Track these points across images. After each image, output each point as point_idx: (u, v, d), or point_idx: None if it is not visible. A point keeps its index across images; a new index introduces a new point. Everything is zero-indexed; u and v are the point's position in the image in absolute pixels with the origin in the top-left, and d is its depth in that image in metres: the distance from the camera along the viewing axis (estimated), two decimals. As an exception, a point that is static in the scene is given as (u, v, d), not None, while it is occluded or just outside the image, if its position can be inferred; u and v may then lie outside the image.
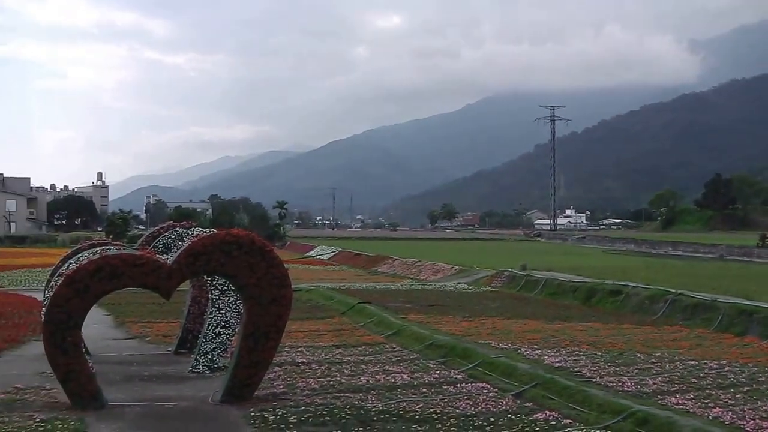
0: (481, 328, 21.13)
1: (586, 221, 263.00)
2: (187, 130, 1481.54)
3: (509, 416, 11.60)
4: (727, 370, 15.04)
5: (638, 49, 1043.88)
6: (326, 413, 11.59)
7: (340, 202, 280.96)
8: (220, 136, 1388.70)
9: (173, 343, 18.21)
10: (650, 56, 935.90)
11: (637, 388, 13.24)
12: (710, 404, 11.97)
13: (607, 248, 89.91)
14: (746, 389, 13.19)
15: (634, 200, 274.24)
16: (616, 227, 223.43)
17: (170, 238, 17.09)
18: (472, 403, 12.47)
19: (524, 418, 11.50)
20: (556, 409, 12.02)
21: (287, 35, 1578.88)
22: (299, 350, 17.64)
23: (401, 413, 11.69)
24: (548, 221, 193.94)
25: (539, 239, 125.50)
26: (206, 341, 15.41)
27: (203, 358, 15.32)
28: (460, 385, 14.01)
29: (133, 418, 11.64)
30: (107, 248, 13.54)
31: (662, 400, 12.31)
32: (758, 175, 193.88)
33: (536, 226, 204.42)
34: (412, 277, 44.07)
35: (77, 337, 11.78)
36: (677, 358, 16.43)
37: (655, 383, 13.63)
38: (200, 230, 15.74)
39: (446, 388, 13.74)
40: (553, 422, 11.27)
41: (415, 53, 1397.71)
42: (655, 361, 16.07)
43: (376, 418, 11.43)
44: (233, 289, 14.37)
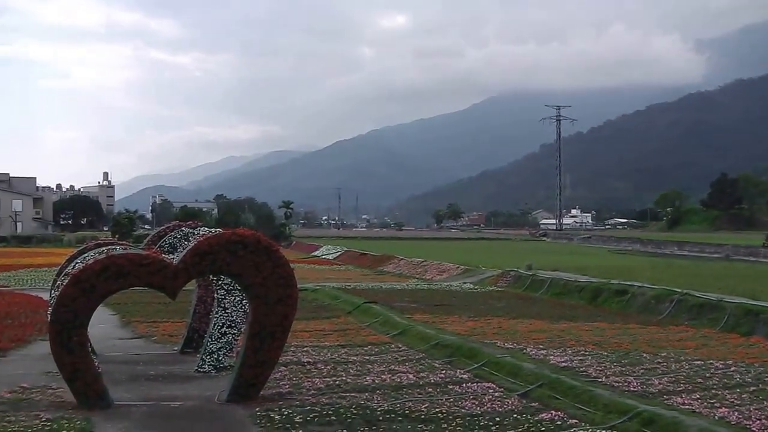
0: (486, 327, 21.13)
1: (591, 221, 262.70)
2: (192, 130, 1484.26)
3: (515, 416, 11.60)
4: (733, 370, 15.02)
5: (643, 48, 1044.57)
6: (332, 413, 11.60)
7: (345, 202, 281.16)
8: (225, 136, 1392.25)
9: (179, 342, 18.23)
10: (655, 56, 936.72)
11: (642, 388, 13.23)
12: (716, 404, 11.96)
13: (612, 248, 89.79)
14: (752, 389, 13.17)
15: (639, 200, 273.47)
16: (621, 227, 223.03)
17: (176, 237, 17.10)
18: (477, 402, 12.46)
19: (530, 417, 11.50)
20: (561, 409, 12.01)
21: (292, 35, 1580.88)
22: (305, 350, 17.65)
23: (407, 413, 11.69)
24: (554, 221, 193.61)
25: (545, 239, 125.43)
26: (212, 341, 15.42)
27: (209, 357, 15.33)
28: (465, 384, 14.01)
29: (139, 417, 11.65)
30: (113, 248, 13.55)
31: (668, 400, 12.30)
32: (764, 174, 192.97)
33: (542, 225, 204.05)
34: (417, 276, 44.10)
35: (83, 336, 11.79)
36: (683, 358, 16.42)
37: (660, 383, 13.62)
38: (206, 230, 15.74)
39: (452, 387, 13.74)
40: (558, 422, 11.26)
41: (419, 53, 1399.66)
42: (660, 361, 16.05)
43: (381, 417, 11.43)
44: (239, 288, 14.37)
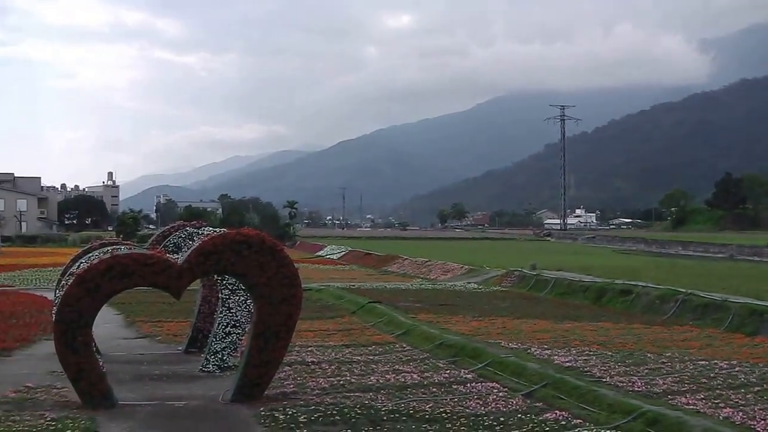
0: (491, 327, 21.11)
1: (596, 221, 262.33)
2: (197, 129, 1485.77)
3: (519, 416, 11.58)
4: (737, 370, 14.99)
5: (648, 48, 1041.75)
6: (336, 413, 11.60)
7: (350, 201, 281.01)
8: (229, 135, 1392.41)
9: (183, 342, 18.25)
10: (660, 55, 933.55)
11: (647, 388, 13.21)
12: (721, 404, 11.93)
13: (617, 248, 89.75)
14: (757, 389, 13.14)
15: (644, 200, 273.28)
16: (626, 227, 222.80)
17: (180, 237, 17.13)
18: (481, 402, 12.45)
19: (534, 417, 11.48)
20: (566, 408, 12.00)
21: (297, 35, 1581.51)
22: (309, 350, 17.65)
23: (411, 413, 11.68)
24: (558, 221, 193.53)
25: (549, 239, 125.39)
26: (216, 340, 15.44)
27: (213, 357, 15.34)
28: (470, 384, 13.99)
29: (143, 417, 11.66)
30: (118, 248, 13.56)
31: (672, 400, 12.28)
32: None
33: (546, 225, 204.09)
34: (422, 276, 44.10)
35: (88, 336, 11.80)
36: (687, 358, 16.40)
37: (665, 383, 13.60)
38: (210, 230, 15.77)
39: (456, 387, 13.73)
40: (563, 422, 11.25)
41: (424, 52, 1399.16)
42: (665, 361, 16.03)
43: (386, 417, 11.42)
44: (243, 288, 14.38)
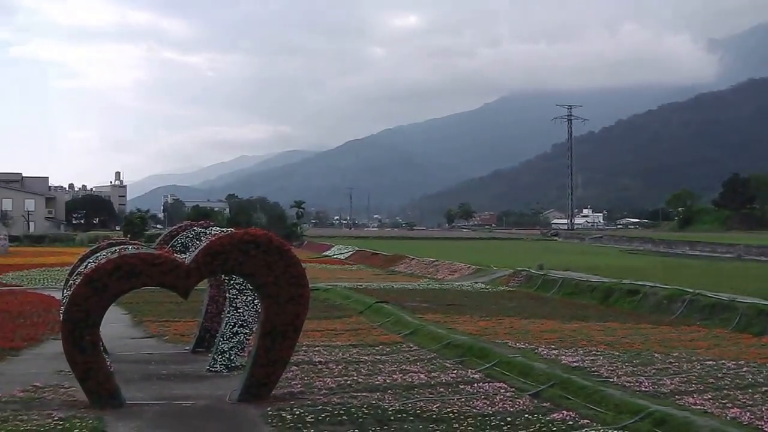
0: (498, 327, 21.11)
1: (603, 221, 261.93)
2: (204, 129, 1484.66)
3: (526, 416, 11.57)
4: (745, 370, 14.97)
5: (655, 48, 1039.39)
6: (343, 412, 11.60)
7: (357, 201, 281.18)
8: (237, 135, 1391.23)
9: (191, 342, 18.27)
10: (667, 55, 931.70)
11: (654, 388, 13.19)
12: (728, 405, 11.91)
13: (624, 248, 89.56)
14: (764, 390, 13.11)
15: (651, 200, 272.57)
16: (633, 227, 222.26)
17: (188, 237, 17.15)
18: (489, 402, 12.45)
19: (541, 417, 11.48)
20: (573, 409, 11.99)
21: (303, 35, 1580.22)
22: (316, 349, 17.66)
23: (418, 413, 11.68)
24: (565, 221, 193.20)
25: (556, 239, 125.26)
26: (224, 340, 15.46)
27: (221, 357, 15.36)
28: (477, 384, 13.99)
29: (151, 416, 11.68)
30: (125, 247, 13.59)
31: (680, 400, 12.26)
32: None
33: (553, 225, 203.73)
34: (429, 276, 44.09)
35: (96, 335, 11.83)
36: (695, 358, 16.38)
37: (672, 383, 13.58)
38: (218, 229, 15.81)
39: (463, 387, 13.73)
40: (570, 422, 11.24)
41: (431, 52, 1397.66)
42: (672, 361, 16.01)
43: (393, 417, 11.42)
44: (251, 288, 14.40)
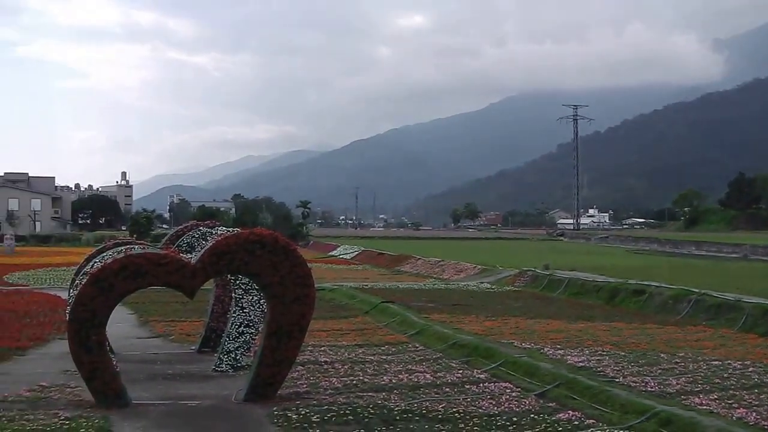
0: (504, 327, 21.10)
1: (609, 221, 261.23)
2: (210, 129, 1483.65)
3: (532, 416, 11.58)
4: (751, 370, 14.96)
5: (661, 48, 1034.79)
6: (349, 412, 11.62)
7: (362, 201, 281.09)
8: (243, 135, 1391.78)
9: (197, 341, 18.30)
10: (673, 55, 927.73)
11: (660, 388, 13.19)
12: (734, 405, 11.90)
13: (630, 248, 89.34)
14: (771, 390, 13.10)
15: (657, 200, 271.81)
16: (639, 227, 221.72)
17: (194, 237, 17.19)
18: (494, 402, 12.45)
19: (547, 417, 11.48)
20: (579, 409, 11.99)
21: (309, 34, 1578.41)
22: (322, 349, 17.68)
23: (424, 413, 11.70)
24: (571, 221, 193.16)
25: (562, 239, 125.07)
26: (229, 340, 15.47)
27: (226, 356, 15.38)
28: (483, 384, 14.00)
29: (156, 416, 11.71)
30: (131, 247, 13.62)
31: (686, 400, 12.26)
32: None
33: (559, 225, 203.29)
34: (435, 276, 44.07)
35: (102, 335, 11.85)
36: (701, 358, 16.36)
37: (678, 383, 13.58)
38: (224, 229, 15.83)
39: (469, 387, 13.74)
40: (576, 422, 11.24)
41: (437, 52, 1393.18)
42: (678, 361, 16.00)
43: (399, 417, 11.44)
44: (257, 288, 14.41)
